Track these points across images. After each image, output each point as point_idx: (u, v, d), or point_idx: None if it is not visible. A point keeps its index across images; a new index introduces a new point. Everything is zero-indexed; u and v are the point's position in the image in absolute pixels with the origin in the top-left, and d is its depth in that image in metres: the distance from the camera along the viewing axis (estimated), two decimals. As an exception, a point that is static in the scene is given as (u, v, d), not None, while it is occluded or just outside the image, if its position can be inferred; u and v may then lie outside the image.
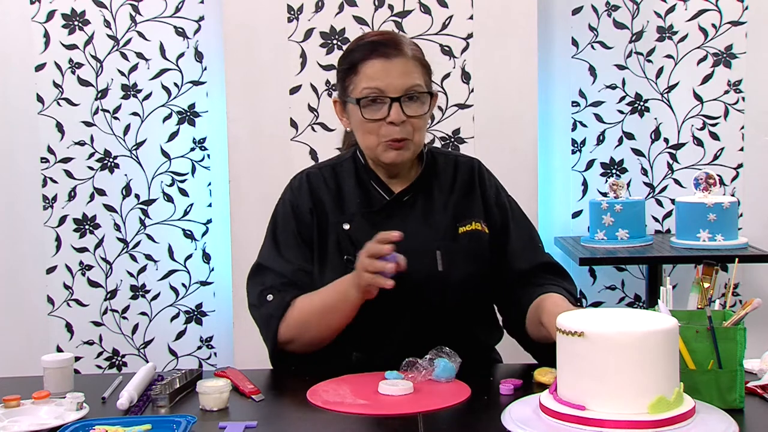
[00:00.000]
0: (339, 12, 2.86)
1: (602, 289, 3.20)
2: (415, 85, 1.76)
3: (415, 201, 1.85)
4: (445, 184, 1.88)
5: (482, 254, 1.84)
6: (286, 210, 1.87)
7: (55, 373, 1.66)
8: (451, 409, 1.51)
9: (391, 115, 1.74)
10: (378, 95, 1.75)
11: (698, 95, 3.11)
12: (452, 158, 1.94)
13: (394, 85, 1.74)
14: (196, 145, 3.16)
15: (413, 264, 1.71)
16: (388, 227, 1.77)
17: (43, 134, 3.11)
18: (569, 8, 3.11)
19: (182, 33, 3.11)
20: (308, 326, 1.77)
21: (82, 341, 3.18)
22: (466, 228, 1.83)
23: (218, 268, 3.20)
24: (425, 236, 1.81)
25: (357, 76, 1.77)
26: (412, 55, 1.78)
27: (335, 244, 1.82)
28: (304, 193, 1.86)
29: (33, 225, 3.14)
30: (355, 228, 1.81)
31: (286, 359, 1.83)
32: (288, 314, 1.78)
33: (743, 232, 3.01)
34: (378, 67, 1.75)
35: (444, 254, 1.80)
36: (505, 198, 1.92)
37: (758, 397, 1.53)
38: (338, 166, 1.90)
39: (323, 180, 1.88)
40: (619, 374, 1.30)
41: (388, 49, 1.75)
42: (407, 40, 1.82)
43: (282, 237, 1.86)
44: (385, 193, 1.85)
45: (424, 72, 1.80)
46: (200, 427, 1.45)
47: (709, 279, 1.59)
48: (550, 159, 3.15)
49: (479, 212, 1.86)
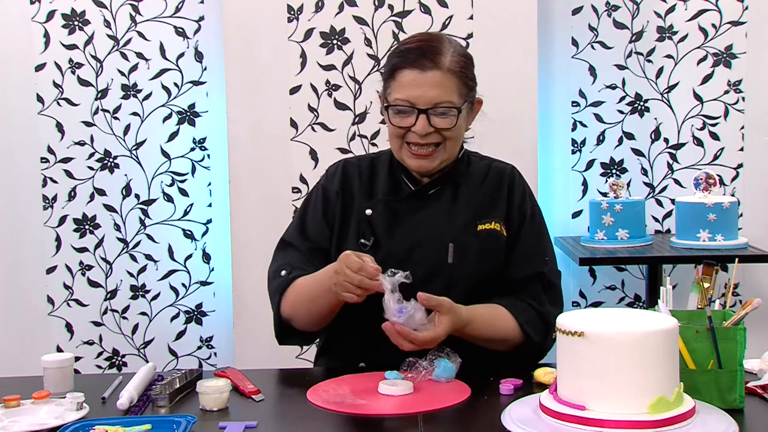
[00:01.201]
0: (339, 12, 2.86)
1: (602, 289, 3.20)
2: (445, 101, 1.75)
3: (440, 195, 1.87)
4: (474, 183, 1.89)
5: (495, 254, 1.84)
6: (318, 193, 1.93)
7: (55, 373, 1.66)
8: (451, 409, 1.51)
9: (417, 126, 1.76)
10: (407, 106, 1.76)
11: (698, 95, 3.11)
12: (488, 161, 1.96)
13: (424, 98, 1.75)
14: (196, 145, 3.16)
15: (425, 254, 1.78)
16: (408, 216, 1.82)
17: (43, 134, 3.11)
18: (569, 8, 3.11)
19: (182, 33, 3.11)
20: (299, 308, 1.81)
21: (82, 341, 3.18)
22: (485, 226, 1.84)
23: (218, 268, 3.20)
24: (442, 228, 1.83)
25: (393, 82, 1.79)
26: (449, 68, 1.75)
27: (356, 228, 1.85)
28: (336, 179, 1.91)
29: (33, 225, 3.14)
30: (376, 214, 1.84)
31: (291, 336, 1.87)
32: (287, 292, 1.82)
33: (743, 232, 3.01)
34: (411, 78, 1.75)
35: (456, 248, 1.81)
36: (529, 207, 1.91)
37: (758, 397, 1.53)
38: (377, 159, 1.95)
39: (358, 169, 1.92)
40: (619, 374, 1.30)
41: (424, 60, 1.75)
42: (449, 49, 1.78)
43: (309, 217, 1.91)
44: (413, 185, 1.87)
45: (461, 84, 1.78)
46: (200, 427, 1.45)
47: (709, 279, 1.59)
48: (550, 159, 3.15)
49: (501, 214, 1.87)
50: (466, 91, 1.80)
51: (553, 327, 1.81)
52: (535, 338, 1.80)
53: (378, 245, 1.81)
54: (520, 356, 1.80)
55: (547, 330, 1.82)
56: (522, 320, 1.79)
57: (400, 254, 1.79)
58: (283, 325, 1.85)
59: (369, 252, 1.77)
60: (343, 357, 1.85)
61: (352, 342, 1.83)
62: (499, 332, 1.78)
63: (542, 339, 1.82)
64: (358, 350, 1.82)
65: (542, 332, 1.82)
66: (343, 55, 2.88)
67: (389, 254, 1.78)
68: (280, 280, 1.84)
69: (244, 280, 2.87)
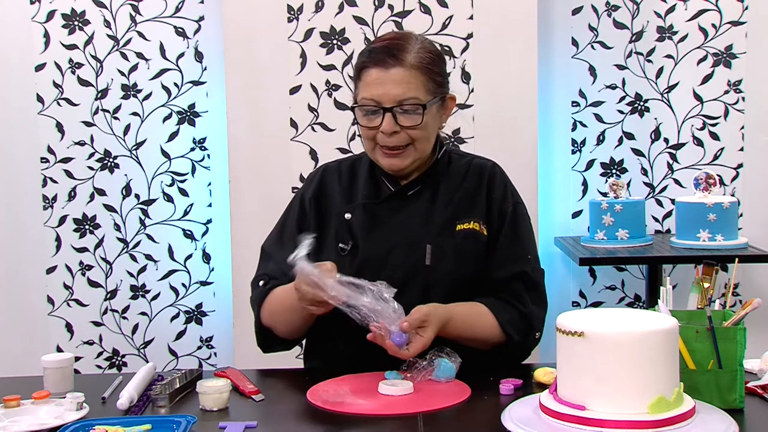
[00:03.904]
0: (339, 12, 2.86)
1: (602, 289, 3.20)
2: (409, 98, 1.73)
3: (419, 196, 1.85)
4: (453, 183, 1.87)
5: (474, 255, 1.82)
6: (295, 200, 1.95)
7: (55, 373, 1.66)
8: (451, 409, 1.51)
9: (383, 125, 1.74)
10: (373, 105, 1.75)
11: (698, 95, 3.10)
12: (468, 159, 1.93)
13: (388, 95, 1.73)
14: (196, 145, 3.16)
15: (402, 256, 1.77)
16: (387, 219, 1.81)
17: (43, 134, 3.11)
18: (569, 8, 3.11)
19: (182, 33, 3.11)
20: (277, 318, 1.83)
21: (82, 341, 3.18)
22: (464, 226, 1.82)
23: (218, 268, 3.20)
24: (420, 230, 1.81)
25: (360, 82, 1.78)
26: (413, 64, 1.74)
27: (334, 233, 1.84)
28: (314, 184, 1.92)
29: (33, 225, 3.14)
30: (355, 217, 1.84)
31: (272, 344, 1.89)
32: (265, 302, 1.85)
33: (743, 232, 3.01)
34: (375, 76, 1.75)
35: (434, 249, 1.80)
36: (511, 204, 1.87)
37: (758, 397, 1.53)
38: (358, 161, 1.94)
39: (338, 173, 1.92)
40: (619, 374, 1.30)
41: (387, 58, 1.74)
42: (414, 46, 1.77)
43: (287, 226, 1.92)
44: (392, 187, 1.87)
45: (427, 80, 1.76)
46: (200, 427, 1.45)
47: (709, 279, 1.59)
48: (550, 159, 3.15)
49: (481, 213, 1.85)
50: (433, 86, 1.77)
51: (536, 327, 1.82)
52: (515, 338, 1.78)
53: (356, 249, 1.80)
54: (501, 356, 1.80)
55: (529, 330, 1.81)
56: (502, 319, 1.78)
57: (378, 257, 1.78)
58: (265, 334, 1.87)
59: (348, 256, 1.79)
60: (328, 359, 1.86)
61: (335, 345, 1.83)
62: (477, 331, 1.76)
63: (523, 339, 1.80)
64: (342, 351, 1.81)
65: (523, 332, 1.80)
66: (343, 55, 2.88)
67: (367, 258, 1.78)
68: (258, 291, 1.87)
69: (244, 280, 2.85)
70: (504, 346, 1.79)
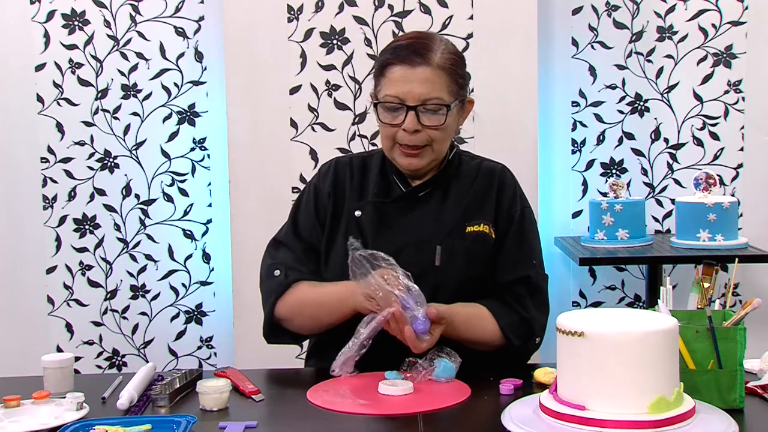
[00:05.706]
0: (339, 12, 2.86)
1: (602, 289, 3.20)
2: (434, 98, 1.74)
3: (430, 197, 1.86)
4: (463, 184, 1.88)
5: (483, 257, 1.83)
6: (310, 192, 1.93)
7: (55, 373, 1.66)
8: (451, 409, 1.51)
9: (405, 123, 1.74)
10: (397, 103, 1.75)
11: (698, 95, 3.10)
12: (479, 161, 1.94)
13: (413, 94, 1.73)
14: (196, 145, 3.16)
15: (412, 256, 1.77)
16: (397, 218, 1.81)
17: (43, 134, 3.11)
18: (569, 8, 3.11)
19: (182, 33, 3.11)
20: (301, 313, 1.82)
21: (82, 341, 3.18)
22: (473, 228, 1.83)
23: (218, 268, 3.20)
24: (430, 231, 1.82)
25: (383, 79, 1.78)
26: (439, 64, 1.74)
27: (345, 229, 1.85)
28: (328, 179, 1.91)
29: (33, 225, 3.14)
30: (365, 215, 1.84)
31: (280, 335, 1.88)
32: (287, 294, 1.83)
33: (743, 232, 3.01)
34: (400, 74, 1.74)
35: (444, 250, 1.80)
36: (519, 208, 1.88)
37: (758, 397, 1.53)
38: (369, 158, 1.94)
39: (350, 169, 1.91)
40: (619, 374, 1.30)
41: (413, 56, 1.74)
42: (440, 46, 1.77)
43: (301, 217, 1.91)
44: (403, 187, 1.87)
45: (451, 81, 1.76)
46: (200, 427, 1.45)
47: (709, 279, 1.59)
48: (550, 159, 3.15)
49: (490, 216, 1.85)
50: (456, 89, 1.78)
51: (537, 332, 1.83)
52: (514, 342, 1.79)
53: (366, 247, 1.80)
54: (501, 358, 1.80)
55: (530, 335, 1.82)
56: (503, 323, 1.78)
57: None
58: (274, 325, 1.86)
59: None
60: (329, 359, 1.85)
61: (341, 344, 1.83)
62: (477, 333, 1.77)
63: (523, 343, 1.81)
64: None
65: (523, 336, 1.80)
66: (343, 55, 2.88)
67: None
68: (278, 281, 1.84)
69: (244, 280, 2.87)
70: (503, 350, 1.80)
